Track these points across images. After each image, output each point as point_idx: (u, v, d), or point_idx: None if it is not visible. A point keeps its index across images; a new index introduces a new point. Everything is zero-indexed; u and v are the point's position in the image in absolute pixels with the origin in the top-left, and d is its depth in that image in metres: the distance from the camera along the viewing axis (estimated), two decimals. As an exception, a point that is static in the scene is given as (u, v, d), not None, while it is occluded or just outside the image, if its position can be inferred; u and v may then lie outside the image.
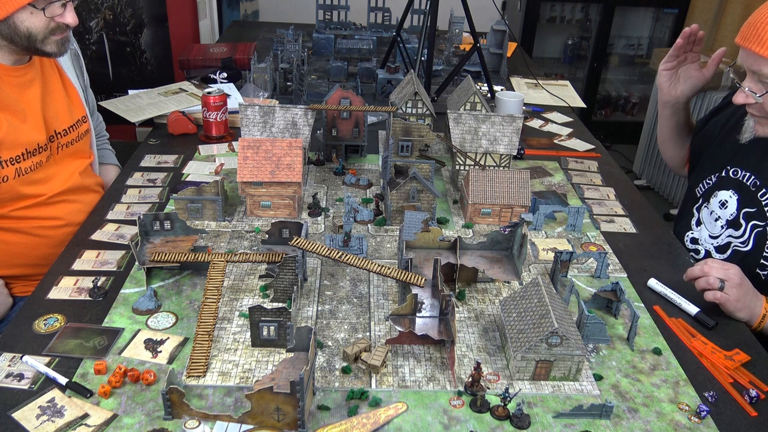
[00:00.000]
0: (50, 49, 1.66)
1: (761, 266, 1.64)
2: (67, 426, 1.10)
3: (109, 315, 1.37)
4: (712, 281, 1.45)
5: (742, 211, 1.69)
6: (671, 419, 1.19)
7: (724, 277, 1.45)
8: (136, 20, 3.89)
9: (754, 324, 1.49)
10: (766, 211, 1.62)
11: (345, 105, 1.97)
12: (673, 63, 1.89)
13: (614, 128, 5.13)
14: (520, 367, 1.24)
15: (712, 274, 1.46)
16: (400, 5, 2.88)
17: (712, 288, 1.46)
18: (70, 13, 1.63)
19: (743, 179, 1.70)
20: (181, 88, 2.53)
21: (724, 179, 1.76)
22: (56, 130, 1.80)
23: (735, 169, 1.73)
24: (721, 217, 1.73)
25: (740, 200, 1.70)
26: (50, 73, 1.82)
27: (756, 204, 1.66)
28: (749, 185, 1.68)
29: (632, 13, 5.01)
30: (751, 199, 1.67)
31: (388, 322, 1.38)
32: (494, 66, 3.06)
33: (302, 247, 1.39)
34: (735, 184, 1.72)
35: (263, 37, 3.47)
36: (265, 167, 1.69)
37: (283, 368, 1.15)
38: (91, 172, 1.97)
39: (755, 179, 1.67)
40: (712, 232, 1.75)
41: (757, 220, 1.65)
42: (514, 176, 1.74)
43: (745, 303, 1.46)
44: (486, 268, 1.49)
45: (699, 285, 1.49)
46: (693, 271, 1.50)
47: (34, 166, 1.72)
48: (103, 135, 2.22)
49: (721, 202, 1.74)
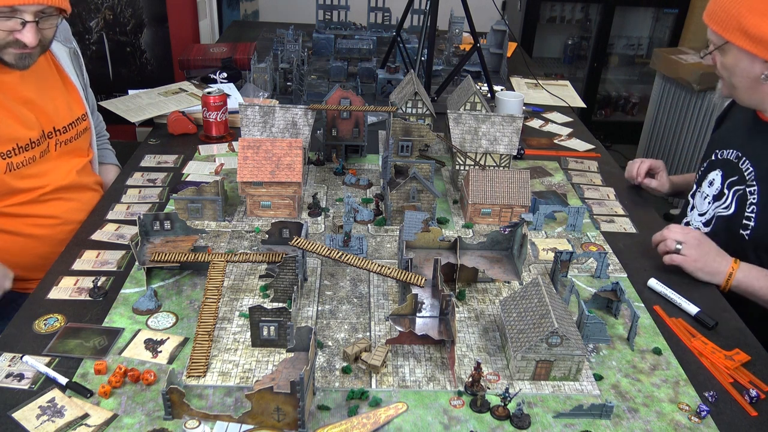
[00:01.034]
0: (8, 59, 1.63)
1: (743, 226, 1.69)
2: (67, 426, 1.10)
3: (109, 315, 1.37)
4: (669, 244, 1.58)
5: (726, 183, 1.77)
6: (671, 419, 1.19)
7: (682, 240, 1.56)
8: (136, 20, 3.89)
9: (721, 284, 1.57)
10: (746, 176, 1.71)
11: (345, 105, 1.97)
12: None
13: (614, 128, 5.13)
14: (520, 367, 1.24)
15: (670, 237, 1.58)
16: (400, 5, 2.88)
17: (669, 250, 1.57)
18: (29, 33, 1.57)
19: (727, 156, 1.81)
20: (181, 88, 2.53)
21: (713, 162, 1.86)
22: (55, 127, 1.79)
23: (721, 151, 1.84)
24: (708, 194, 1.83)
25: (724, 175, 1.79)
26: (47, 70, 1.82)
27: (738, 172, 1.74)
28: (732, 159, 1.78)
29: (632, 13, 5.01)
30: (733, 169, 1.76)
31: (388, 322, 1.38)
32: (494, 66, 3.06)
33: (302, 247, 1.39)
34: (721, 163, 1.82)
35: (263, 37, 3.48)
36: (265, 167, 1.69)
37: (283, 368, 1.15)
38: (89, 170, 1.97)
39: (736, 152, 1.77)
40: (701, 210, 1.85)
41: (738, 185, 1.73)
42: (514, 176, 1.74)
43: (705, 263, 1.56)
44: (486, 268, 1.49)
45: (659, 249, 1.60)
46: (655, 237, 1.63)
47: (26, 161, 1.71)
48: (104, 135, 2.22)
49: (710, 181, 1.84)
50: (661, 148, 4.20)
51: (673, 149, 4.06)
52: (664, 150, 4.17)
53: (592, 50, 4.95)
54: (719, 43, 1.64)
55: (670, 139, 4.09)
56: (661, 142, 4.21)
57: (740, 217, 1.70)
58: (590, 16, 5.03)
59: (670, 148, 4.09)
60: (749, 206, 1.67)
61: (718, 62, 1.68)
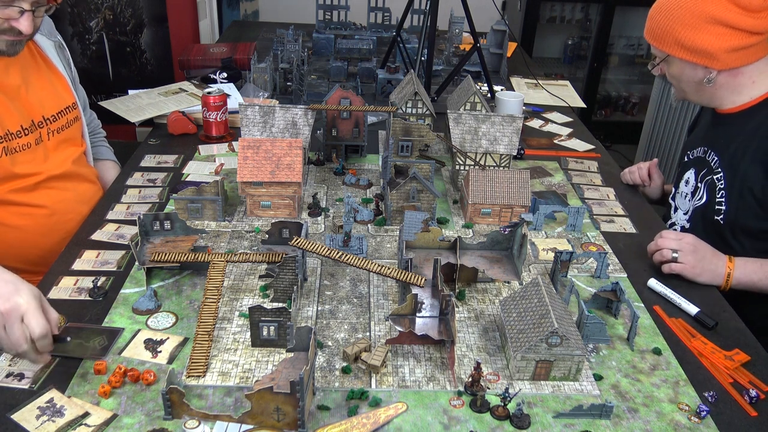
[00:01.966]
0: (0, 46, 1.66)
1: (716, 212, 1.76)
2: (67, 426, 1.10)
3: (109, 315, 1.37)
4: (666, 253, 1.58)
5: (699, 177, 1.86)
6: (671, 419, 1.19)
7: (677, 247, 1.58)
8: (136, 20, 3.89)
9: (721, 285, 1.58)
10: (712, 166, 1.80)
11: (345, 105, 1.97)
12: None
13: (614, 128, 5.13)
14: (520, 367, 1.24)
15: (665, 246, 1.59)
16: (400, 5, 2.88)
17: (666, 260, 1.58)
18: (25, 21, 1.61)
19: (697, 154, 1.90)
20: (181, 88, 2.53)
21: (686, 163, 1.95)
22: (44, 116, 1.79)
23: (692, 151, 1.94)
24: (687, 193, 1.90)
25: (696, 171, 1.88)
26: (31, 60, 1.82)
27: (706, 165, 1.84)
28: (700, 155, 1.88)
29: (632, 13, 5.01)
30: (702, 163, 1.85)
31: (388, 322, 1.38)
32: (494, 66, 3.06)
33: (302, 247, 1.39)
34: (693, 162, 1.91)
35: (263, 37, 3.48)
36: (265, 167, 1.69)
37: (283, 368, 1.15)
38: (84, 161, 1.96)
39: (703, 148, 1.87)
40: (683, 209, 1.91)
41: (707, 176, 1.82)
42: (514, 176, 1.74)
43: (703, 267, 1.58)
44: (486, 268, 1.49)
45: (655, 259, 1.62)
46: (650, 247, 1.64)
47: (21, 147, 1.71)
48: (99, 132, 2.21)
49: (685, 181, 1.92)
50: (661, 148, 4.19)
51: (673, 149, 4.06)
52: (664, 150, 4.16)
53: (592, 50, 4.95)
54: (662, 56, 1.79)
55: (670, 139, 4.09)
56: (661, 142, 4.21)
57: (712, 204, 1.77)
58: (590, 16, 5.03)
59: (670, 148, 4.09)
60: (718, 192, 1.75)
61: (666, 72, 1.82)
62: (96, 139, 2.15)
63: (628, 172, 2.10)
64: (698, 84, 1.76)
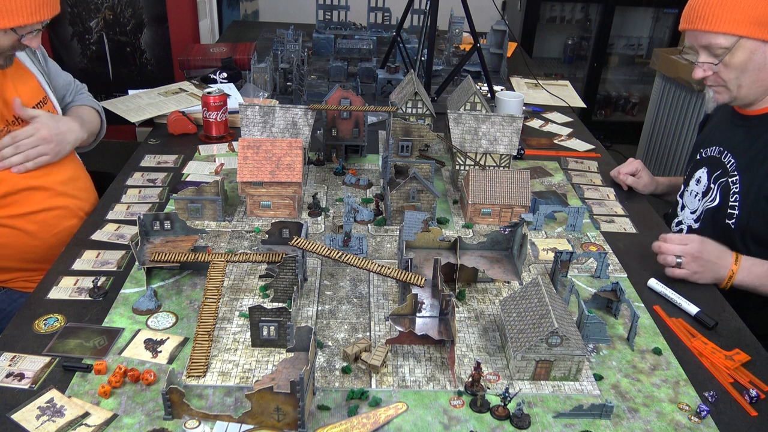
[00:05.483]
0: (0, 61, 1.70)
1: (728, 216, 1.72)
2: (67, 425, 1.10)
3: (109, 315, 1.37)
4: (669, 259, 1.57)
5: (712, 178, 1.81)
6: (671, 419, 1.19)
7: (680, 253, 1.56)
8: (136, 20, 3.89)
9: (721, 285, 1.58)
10: (728, 168, 1.75)
11: (345, 105, 1.97)
12: None
13: (614, 128, 5.13)
14: (520, 367, 1.24)
15: (669, 252, 1.58)
16: (400, 5, 2.88)
17: (670, 265, 1.57)
18: (36, 39, 1.68)
19: (711, 153, 1.85)
20: (181, 88, 2.53)
21: (698, 161, 1.90)
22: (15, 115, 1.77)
23: (705, 149, 1.88)
24: (698, 192, 1.86)
25: (710, 171, 1.83)
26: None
27: (721, 166, 1.78)
28: (715, 155, 1.83)
29: (632, 13, 5.01)
30: (717, 164, 1.80)
31: (388, 322, 1.38)
32: (494, 66, 3.06)
33: (302, 247, 1.39)
34: (706, 161, 1.86)
35: (263, 37, 3.47)
36: (265, 167, 1.69)
37: (283, 368, 1.15)
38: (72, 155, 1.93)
39: (719, 148, 1.82)
40: (692, 208, 1.88)
41: (722, 178, 1.77)
42: (514, 176, 1.74)
43: (707, 271, 1.56)
44: (486, 268, 1.49)
45: (659, 260, 1.61)
46: (654, 246, 1.62)
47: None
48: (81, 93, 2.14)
49: (697, 179, 1.88)
50: (661, 148, 4.19)
51: (673, 149, 4.06)
52: (664, 150, 4.16)
53: (592, 50, 4.95)
54: (728, 44, 1.59)
55: (670, 139, 4.09)
56: (661, 142, 4.20)
57: (725, 208, 1.73)
58: (590, 16, 5.03)
59: (670, 148, 4.09)
60: (732, 196, 1.72)
61: (721, 68, 1.63)
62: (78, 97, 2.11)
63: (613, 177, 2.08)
64: (759, 71, 1.58)
